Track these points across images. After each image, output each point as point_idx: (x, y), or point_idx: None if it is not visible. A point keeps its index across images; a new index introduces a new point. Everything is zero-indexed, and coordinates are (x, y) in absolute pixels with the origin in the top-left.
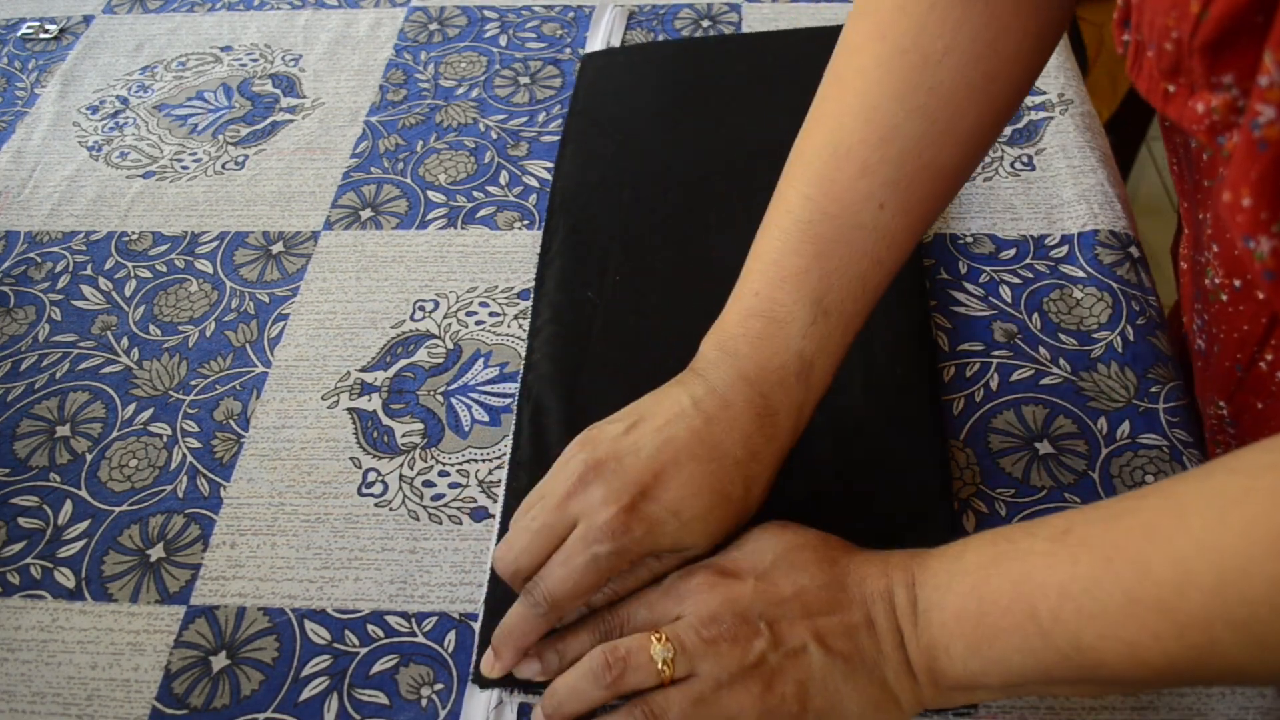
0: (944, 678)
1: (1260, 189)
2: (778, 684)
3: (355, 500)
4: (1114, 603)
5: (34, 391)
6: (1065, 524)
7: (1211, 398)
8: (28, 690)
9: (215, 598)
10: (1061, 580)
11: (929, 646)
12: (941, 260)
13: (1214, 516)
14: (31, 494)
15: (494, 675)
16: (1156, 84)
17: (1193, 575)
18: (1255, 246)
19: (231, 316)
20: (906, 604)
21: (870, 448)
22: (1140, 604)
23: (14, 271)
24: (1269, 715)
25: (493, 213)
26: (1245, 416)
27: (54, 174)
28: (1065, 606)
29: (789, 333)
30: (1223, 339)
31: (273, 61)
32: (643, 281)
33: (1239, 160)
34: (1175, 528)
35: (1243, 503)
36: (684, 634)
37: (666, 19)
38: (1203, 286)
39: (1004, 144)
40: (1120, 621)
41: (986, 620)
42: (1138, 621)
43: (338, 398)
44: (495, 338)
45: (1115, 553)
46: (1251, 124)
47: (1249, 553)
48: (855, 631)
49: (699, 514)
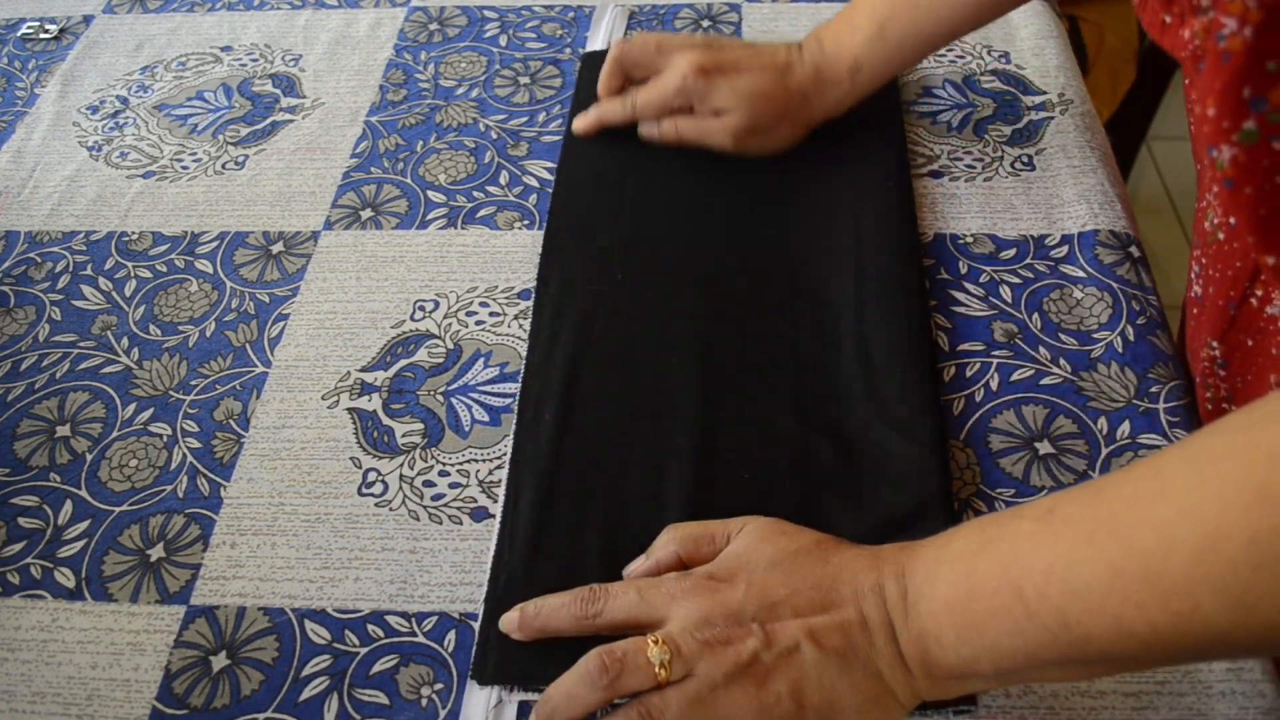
0: (937, 667)
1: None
2: (771, 683)
3: (355, 500)
4: (1097, 576)
5: (34, 391)
6: (1050, 503)
7: (1205, 340)
8: (28, 690)
9: (215, 598)
10: (1047, 559)
11: (920, 636)
12: (941, 260)
13: (1194, 480)
14: (31, 494)
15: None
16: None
17: (1175, 541)
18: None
19: (231, 316)
20: (897, 596)
21: (870, 448)
22: (1124, 575)
23: (14, 271)
24: (1270, 715)
25: (493, 213)
26: (1236, 356)
27: (54, 174)
28: (1051, 584)
29: (855, 39)
30: (1217, 279)
31: (273, 61)
32: (644, 280)
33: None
34: (1156, 496)
35: (1220, 461)
36: (679, 637)
37: (666, 19)
38: (1203, 230)
39: (1004, 144)
40: (1104, 594)
41: (975, 605)
42: (1121, 593)
43: (338, 398)
44: (495, 338)
45: (1098, 526)
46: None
47: (1227, 512)
48: (849, 629)
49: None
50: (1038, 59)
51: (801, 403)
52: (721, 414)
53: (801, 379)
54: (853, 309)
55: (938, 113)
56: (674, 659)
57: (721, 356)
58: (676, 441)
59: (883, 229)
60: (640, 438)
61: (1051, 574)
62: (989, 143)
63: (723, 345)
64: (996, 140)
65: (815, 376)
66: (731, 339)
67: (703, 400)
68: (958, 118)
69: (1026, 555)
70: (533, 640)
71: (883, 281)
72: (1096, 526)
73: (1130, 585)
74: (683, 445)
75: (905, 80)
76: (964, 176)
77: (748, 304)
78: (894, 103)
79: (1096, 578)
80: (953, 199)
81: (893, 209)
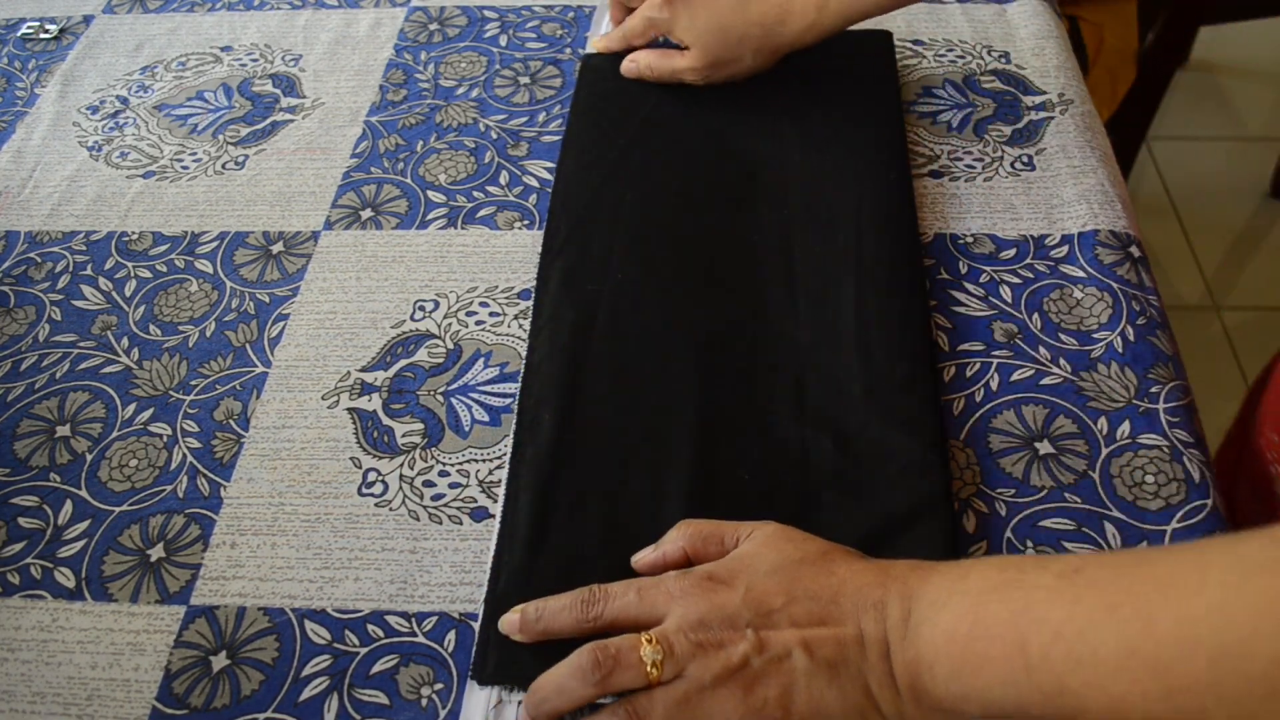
0: (926, 696)
1: None
2: (760, 688)
3: (355, 500)
4: (1109, 652)
5: (34, 391)
6: (1079, 562)
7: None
8: (28, 690)
9: (215, 598)
10: (1059, 618)
11: (914, 661)
12: (941, 260)
13: (1234, 581)
14: (31, 494)
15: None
16: None
17: (1198, 641)
18: None
19: (232, 316)
20: (899, 617)
21: (870, 448)
22: (1136, 658)
23: (14, 271)
24: None
25: (493, 213)
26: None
27: (54, 174)
28: (1056, 646)
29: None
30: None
31: (273, 61)
32: (644, 281)
33: None
34: (1191, 585)
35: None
36: (673, 637)
37: None
38: None
39: (1004, 144)
40: (1111, 673)
41: (975, 645)
42: (1129, 676)
43: (338, 398)
44: (495, 338)
45: (1123, 600)
46: None
47: (1257, 626)
48: (844, 642)
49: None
50: (1038, 59)
51: (801, 402)
52: (721, 413)
53: (802, 378)
54: (853, 308)
55: (938, 113)
56: (666, 659)
57: (721, 356)
58: (676, 441)
59: (883, 229)
60: (640, 437)
61: (1060, 636)
62: (989, 143)
63: (723, 345)
64: (996, 140)
65: (815, 376)
66: (731, 338)
67: (702, 399)
68: (958, 118)
69: (1040, 608)
70: (534, 642)
71: (883, 281)
72: (1121, 600)
73: (1139, 670)
74: (683, 444)
75: (905, 80)
76: (964, 176)
77: (748, 303)
78: (894, 103)
79: (1108, 653)
80: (953, 199)
81: (893, 208)
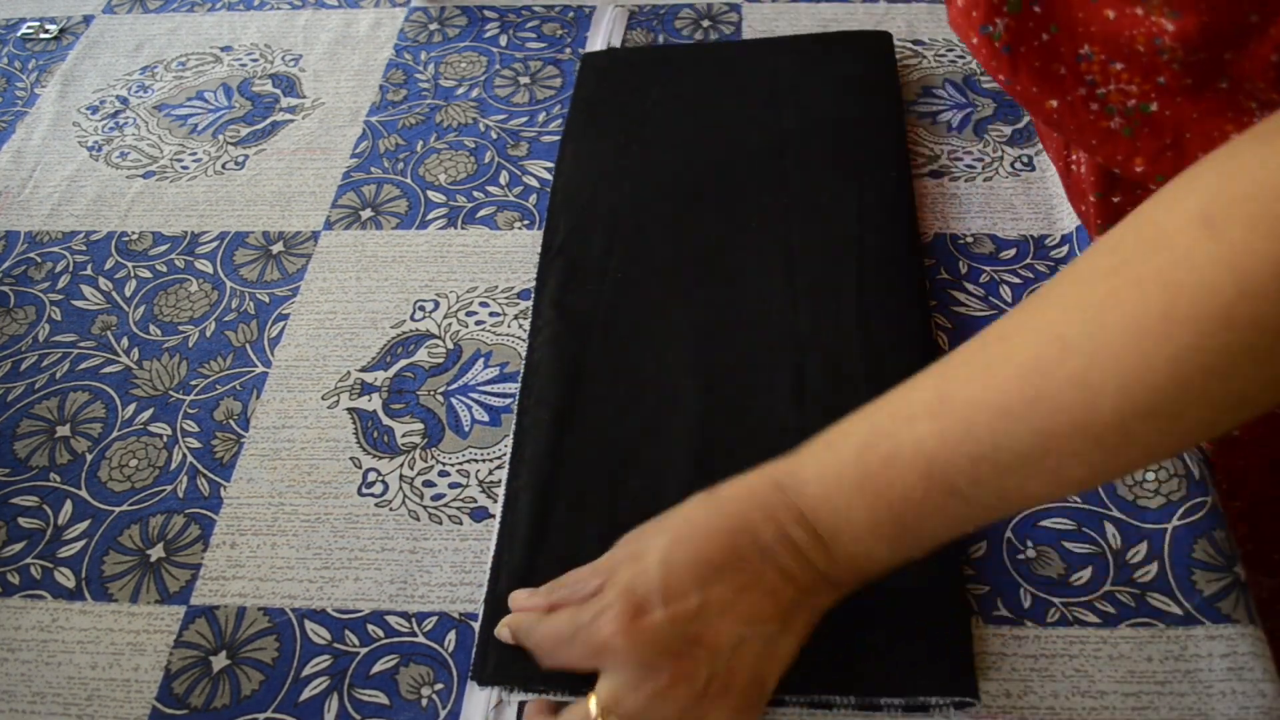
0: (870, 573)
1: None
2: (735, 682)
3: (355, 500)
4: (1027, 446)
5: (34, 391)
6: (936, 389)
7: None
8: (28, 690)
9: (215, 598)
10: (968, 451)
11: (849, 559)
12: (941, 260)
13: (1094, 328)
14: (31, 494)
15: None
16: None
17: (1101, 387)
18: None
19: (231, 316)
20: (809, 541)
21: None
22: (1054, 436)
23: (14, 271)
24: (1269, 715)
25: (493, 213)
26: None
27: (54, 174)
28: (981, 470)
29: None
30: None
31: (273, 61)
32: (644, 281)
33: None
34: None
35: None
36: (623, 698)
37: (667, 19)
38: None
39: (1004, 144)
40: (1039, 458)
41: (906, 519)
42: (1056, 452)
43: (338, 398)
44: (495, 338)
45: (1012, 403)
46: None
47: (1142, 346)
48: (775, 590)
49: None
50: None
51: (802, 401)
52: (722, 413)
53: (802, 377)
54: (854, 308)
55: (938, 113)
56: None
57: (721, 355)
58: (676, 440)
59: (883, 228)
60: (640, 437)
61: (980, 462)
62: (989, 143)
63: (723, 344)
64: (996, 140)
65: (816, 374)
66: (731, 338)
67: (703, 399)
68: (958, 118)
69: (946, 453)
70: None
71: (883, 280)
72: (1010, 403)
73: (1062, 442)
74: (683, 444)
75: (905, 80)
76: (964, 176)
77: (748, 303)
78: (894, 103)
79: (1027, 448)
80: (953, 199)
81: (893, 208)
